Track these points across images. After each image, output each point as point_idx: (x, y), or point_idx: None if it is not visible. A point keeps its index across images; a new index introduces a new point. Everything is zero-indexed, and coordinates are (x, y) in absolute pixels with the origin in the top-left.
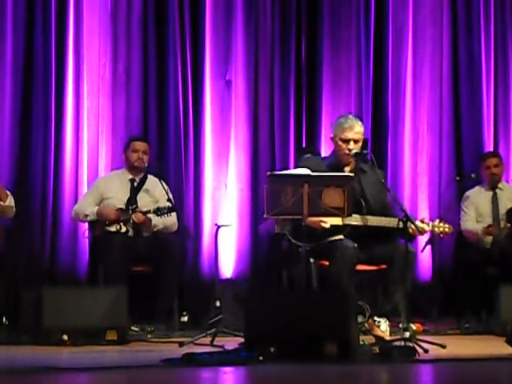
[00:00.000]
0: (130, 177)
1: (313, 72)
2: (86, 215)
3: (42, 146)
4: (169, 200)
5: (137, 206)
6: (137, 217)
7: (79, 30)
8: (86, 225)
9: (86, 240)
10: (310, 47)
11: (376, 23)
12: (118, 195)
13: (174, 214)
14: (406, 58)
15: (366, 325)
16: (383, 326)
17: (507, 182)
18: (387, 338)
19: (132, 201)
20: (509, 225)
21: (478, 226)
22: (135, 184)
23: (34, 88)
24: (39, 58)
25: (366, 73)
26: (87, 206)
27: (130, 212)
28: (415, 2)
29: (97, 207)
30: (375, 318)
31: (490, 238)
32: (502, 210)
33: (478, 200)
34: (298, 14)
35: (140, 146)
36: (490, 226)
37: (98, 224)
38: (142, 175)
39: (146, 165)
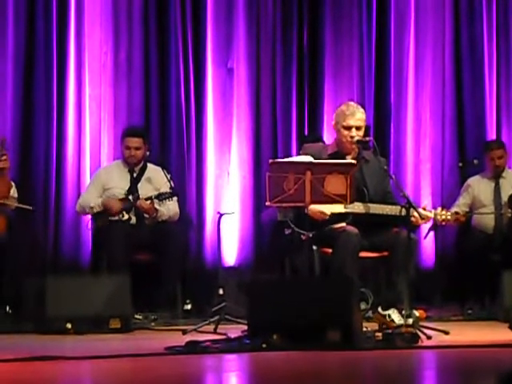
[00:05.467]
0: (129, 168)
1: (315, 59)
2: (92, 207)
3: (45, 135)
4: (171, 188)
5: (138, 195)
6: (142, 204)
7: (80, 18)
8: (89, 216)
9: (89, 231)
10: (312, 34)
11: (378, 10)
12: (119, 185)
13: (175, 200)
14: (408, 45)
15: (376, 320)
16: (395, 317)
17: (510, 168)
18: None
19: (133, 190)
20: (510, 211)
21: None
22: (135, 174)
23: (36, 76)
24: (41, 46)
25: (368, 60)
26: (91, 199)
27: (132, 200)
28: None
29: (101, 199)
30: (383, 313)
31: (491, 224)
32: (505, 199)
33: (479, 188)
34: (299, 1)
35: (132, 142)
36: (456, 213)
37: (102, 215)
38: (140, 166)
39: (139, 159)
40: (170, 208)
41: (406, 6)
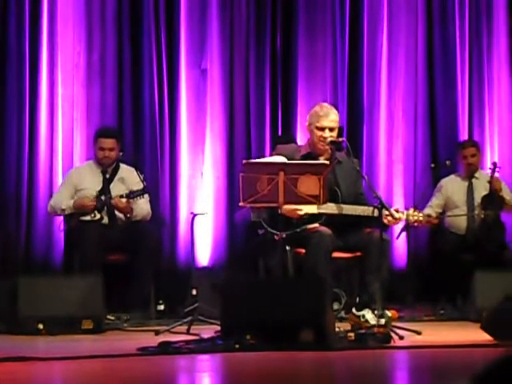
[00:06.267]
0: (101, 168)
1: (288, 60)
2: (63, 209)
3: (17, 134)
4: (143, 187)
5: (110, 196)
6: (117, 202)
7: (53, 18)
8: (62, 217)
9: (62, 232)
10: (286, 36)
11: (351, 12)
12: (91, 186)
13: (147, 199)
14: (381, 45)
15: (350, 320)
16: (370, 317)
17: (482, 169)
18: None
19: (105, 190)
20: (483, 212)
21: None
22: (107, 175)
23: (8, 76)
24: (13, 45)
25: (341, 60)
26: (63, 200)
27: (104, 199)
28: None
29: (72, 200)
30: (358, 313)
31: (463, 225)
32: (478, 199)
33: (452, 189)
34: (273, 2)
35: (106, 143)
36: (429, 215)
37: (74, 216)
38: (113, 166)
39: (113, 160)
40: (142, 207)
41: (378, 7)
